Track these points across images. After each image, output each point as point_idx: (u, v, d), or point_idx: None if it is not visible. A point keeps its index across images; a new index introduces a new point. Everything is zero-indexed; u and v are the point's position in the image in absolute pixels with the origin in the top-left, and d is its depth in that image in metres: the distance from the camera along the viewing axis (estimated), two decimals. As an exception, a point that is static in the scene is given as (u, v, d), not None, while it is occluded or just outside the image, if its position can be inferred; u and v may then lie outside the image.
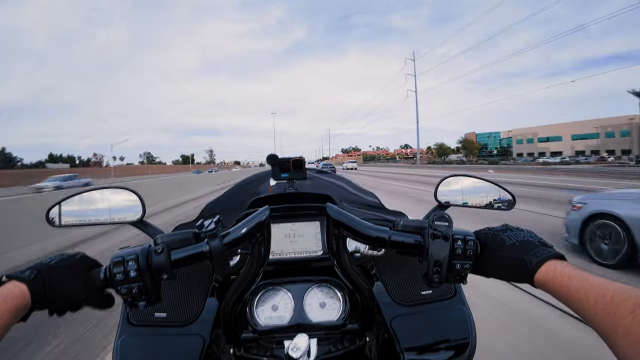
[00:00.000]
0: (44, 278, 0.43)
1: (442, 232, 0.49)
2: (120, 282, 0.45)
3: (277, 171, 0.90)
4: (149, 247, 0.48)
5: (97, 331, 2.32)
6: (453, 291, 0.74)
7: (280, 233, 0.80)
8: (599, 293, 0.36)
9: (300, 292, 0.75)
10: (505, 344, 1.97)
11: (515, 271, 0.46)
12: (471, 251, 0.49)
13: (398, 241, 0.52)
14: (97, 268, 0.48)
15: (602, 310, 0.35)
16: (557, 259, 0.44)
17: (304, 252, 0.80)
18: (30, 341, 2.18)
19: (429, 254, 0.49)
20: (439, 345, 0.67)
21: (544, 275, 0.42)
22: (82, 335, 2.28)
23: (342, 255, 0.64)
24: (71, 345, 2.17)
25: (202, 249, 0.48)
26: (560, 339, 2.02)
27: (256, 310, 0.73)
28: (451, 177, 0.69)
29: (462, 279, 0.50)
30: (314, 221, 0.82)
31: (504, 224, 0.53)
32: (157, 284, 0.47)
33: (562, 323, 2.15)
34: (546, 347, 1.97)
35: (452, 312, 0.71)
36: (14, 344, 2.11)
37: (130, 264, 0.45)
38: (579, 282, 0.39)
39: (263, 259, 0.58)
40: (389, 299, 0.72)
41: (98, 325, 2.38)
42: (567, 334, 2.03)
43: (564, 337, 2.02)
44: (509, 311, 2.42)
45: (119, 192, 0.64)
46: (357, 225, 0.55)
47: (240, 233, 0.51)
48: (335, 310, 0.74)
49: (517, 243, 0.47)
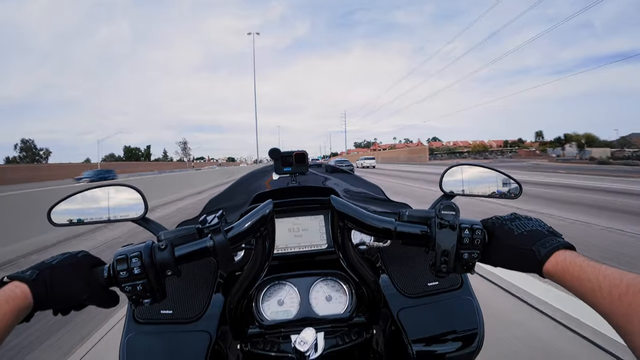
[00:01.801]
0: (45, 278, 0.43)
1: (449, 221, 0.49)
2: (124, 280, 0.45)
3: (280, 165, 0.90)
4: (153, 244, 0.47)
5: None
6: (460, 282, 0.73)
7: (284, 227, 0.80)
8: (612, 283, 0.35)
9: (305, 286, 0.75)
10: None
11: (523, 261, 0.45)
12: (479, 240, 0.48)
13: (404, 232, 0.52)
14: (100, 266, 0.48)
15: (617, 301, 0.34)
16: (567, 249, 0.43)
17: (308, 246, 0.79)
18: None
19: (436, 244, 0.49)
20: (447, 337, 0.66)
21: (553, 266, 0.41)
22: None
23: (348, 248, 0.63)
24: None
25: (205, 244, 0.48)
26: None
27: (262, 305, 0.73)
28: (456, 166, 0.68)
29: (470, 269, 0.49)
30: (317, 215, 0.81)
31: (512, 212, 0.52)
32: (162, 280, 0.47)
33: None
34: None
35: (459, 303, 0.71)
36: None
37: (133, 261, 0.45)
38: (592, 272, 0.38)
39: (268, 254, 0.57)
40: (395, 291, 0.71)
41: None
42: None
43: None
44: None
45: (121, 189, 0.64)
46: (362, 217, 0.54)
47: (243, 227, 0.50)
48: (341, 304, 0.74)
49: (526, 232, 0.47)
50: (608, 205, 6.52)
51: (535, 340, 1.93)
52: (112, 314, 2.42)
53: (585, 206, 6.41)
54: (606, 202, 6.93)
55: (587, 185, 10.37)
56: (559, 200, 7.17)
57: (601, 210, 5.94)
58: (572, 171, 18.22)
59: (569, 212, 5.78)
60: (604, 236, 4.17)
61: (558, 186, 10.19)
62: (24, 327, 0.42)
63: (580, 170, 18.65)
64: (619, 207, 6.22)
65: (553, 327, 2.04)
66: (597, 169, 21.54)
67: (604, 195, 7.96)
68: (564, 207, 6.35)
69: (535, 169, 22.33)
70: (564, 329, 2.01)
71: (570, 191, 8.72)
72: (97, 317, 2.40)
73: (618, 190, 8.80)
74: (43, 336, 2.22)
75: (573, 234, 4.15)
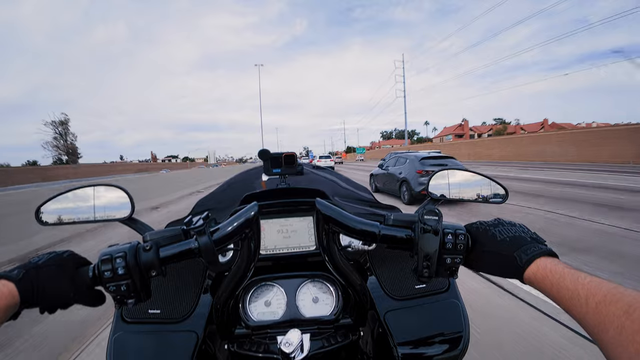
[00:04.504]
0: (32, 277, 0.43)
1: (432, 226, 0.49)
2: (108, 280, 0.45)
3: (269, 167, 0.90)
4: (138, 245, 0.47)
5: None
6: (446, 285, 0.74)
7: (273, 229, 0.80)
8: (590, 292, 0.36)
9: (293, 287, 0.75)
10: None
11: (504, 267, 0.46)
12: (462, 245, 0.49)
13: (388, 236, 0.52)
14: (85, 266, 0.48)
15: (594, 309, 0.34)
16: (549, 256, 0.43)
17: (297, 247, 0.79)
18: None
19: (419, 248, 0.49)
20: (433, 339, 0.67)
21: (534, 273, 0.42)
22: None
23: (333, 250, 0.63)
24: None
25: (190, 245, 0.48)
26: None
27: (249, 306, 0.74)
28: (444, 170, 0.69)
29: (453, 273, 0.50)
30: (306, 216, 0.82)
31: (496, 218, 0.53)
32: (146, 281, 0.47)
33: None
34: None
35: (446, 306, 0.71)
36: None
37: (118, 261, 0.45)
38: (570, 280, 0.38)
39: (253, 255, 0.58)
40: (382, 293, 0.72)
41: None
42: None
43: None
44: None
45: (108, 189, 0.64)
46: (346, 220, 0.54)
47: (228, 229, 0.51)
48: (328, 305, 0.75)
49: (508, 239, 0.47)
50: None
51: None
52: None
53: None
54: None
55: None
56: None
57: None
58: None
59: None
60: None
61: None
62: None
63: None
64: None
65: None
66: None
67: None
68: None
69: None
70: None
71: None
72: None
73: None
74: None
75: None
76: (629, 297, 0.33)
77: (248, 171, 1.45)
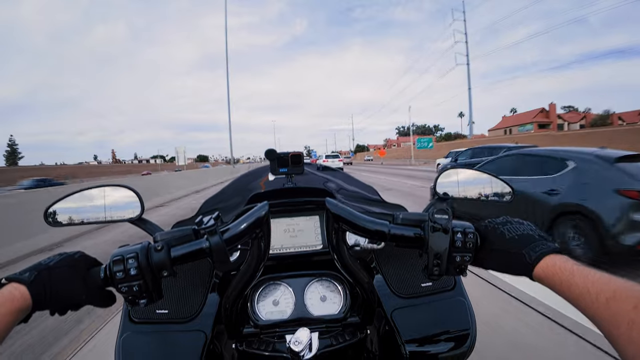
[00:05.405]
0: (43, 279, 0.43)
1: (442, 224, 0.49)
2: (121, 281, 0.45)
3: (276, 166, 0.90)
4: (149, 245, 0.47)
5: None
6: (453, 283, 0.74)
7: (280, 228, 0.80)
8: (600, 288, 0.36)
9: (300, 286, 0.76)
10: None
11: (514, 265, 0.46)
12: (471, 243, 0.49)
13: (398, 234, 0.52)
14: (97, 267, 0.48)
15: (604, 305, 0.35)
16: (557, 253, 0.43)
17: (304, 246, 0.80)
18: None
19: (429, 247, 0.49)
20: (440, 337, 0.67)
21: (543, 270, 0.42)
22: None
23: (342, 249, 0.64)
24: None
25: (201, 245, 0.48)
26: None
27: (257, 305, 0.74)
28: (450, 169, 0.69)
29: (462, 271, 0.50)
30: (313, 216, 0.82)
31: (504, 216, 0.53)
32: (158, 281, 0.47)
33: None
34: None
35: (452, 303, 0.72)
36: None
37: (130, 262, 0.45)
38: (580, 277, 0.38)
39: (263, 255, 0.58)
40: (389, 292, 0.72)
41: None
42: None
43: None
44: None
45: (117, 189, 0.64)
46: (356, 219, 0.55)
47: (239, 229, 0.51)
48: (335, 304, 0.75)
49: (517, 236, 0.47)
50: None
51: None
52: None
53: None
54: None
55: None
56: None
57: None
58: None
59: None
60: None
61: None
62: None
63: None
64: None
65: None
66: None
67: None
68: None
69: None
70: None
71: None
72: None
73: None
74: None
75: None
76: (639, 292, 0.33)
77: (252, 171, 1.45)
